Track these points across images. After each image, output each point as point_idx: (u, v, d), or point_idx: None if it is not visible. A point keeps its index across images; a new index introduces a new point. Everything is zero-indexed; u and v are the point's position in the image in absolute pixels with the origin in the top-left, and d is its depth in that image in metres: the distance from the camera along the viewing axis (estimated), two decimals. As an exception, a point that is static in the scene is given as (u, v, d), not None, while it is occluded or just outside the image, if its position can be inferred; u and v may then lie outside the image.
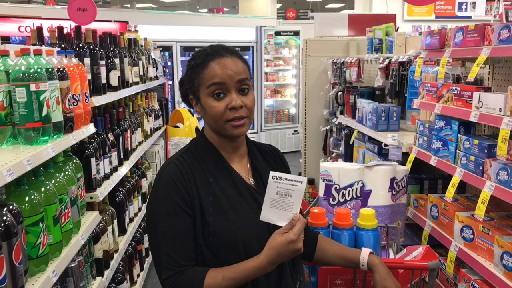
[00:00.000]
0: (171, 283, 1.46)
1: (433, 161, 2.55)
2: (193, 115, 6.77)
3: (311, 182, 5.82)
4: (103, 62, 2.92)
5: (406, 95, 3.41)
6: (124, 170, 3.26)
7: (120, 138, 3.25)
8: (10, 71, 1.81)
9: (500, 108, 2.02)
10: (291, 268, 1.65)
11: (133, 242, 3.69)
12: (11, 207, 1.53)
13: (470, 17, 10.69)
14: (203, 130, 1.67)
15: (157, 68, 5.15)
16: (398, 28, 4.73)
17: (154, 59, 5.03)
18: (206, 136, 1.63)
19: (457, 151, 2.35)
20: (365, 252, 1.69)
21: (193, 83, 1.56)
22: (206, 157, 1.59)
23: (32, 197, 1.71)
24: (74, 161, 2.28)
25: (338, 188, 2.39)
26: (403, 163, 2.75)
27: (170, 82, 8.07)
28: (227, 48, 1.57)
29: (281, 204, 1.46)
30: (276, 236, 1.43)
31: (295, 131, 9.72)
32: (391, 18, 5.68)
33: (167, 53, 8.20)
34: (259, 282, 1.52)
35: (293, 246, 1.41)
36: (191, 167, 1.55)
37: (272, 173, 1.44)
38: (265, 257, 1.42)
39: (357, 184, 2.38)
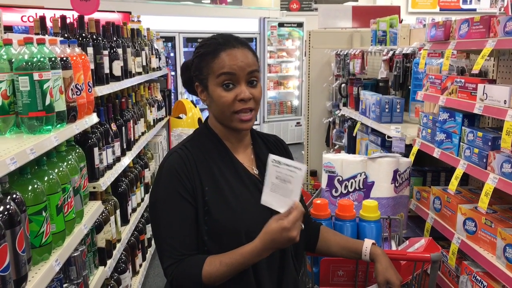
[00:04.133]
0: (172, 271, 1.47)
1: (436, 153, 2.54)
2: (195, 106, 6.76)
3: (314, 173, 5.82)
4: (106, 52, 2.91)
5: (409, 87, 3.39)
6: (126, 160, 3.26)
7: (123, 128, 3.26)
8: (13, 60, 1.81)
9: (504, 101, 2.00)
10: (294, 259, 1.65)
11: (135, 232, 3.70)
12: (14, 196, 1.53)
13: (475, 9, 10.60)
14: (206, 120, 1.66)
15: (160, 59, 5.14)
16: (402, 20, 4.70)
17: (157, 49, 5.02)
18: (210, 126, 1.63)
19: (461, 143, 2.34)
20: (367, 243, 1.69)
21: (201, 71, 1.54)
22: (210, 147, 1.58)
23: (35, 186, 1.71)
24: (77, 150, 2.28)
25: (341, 179, 2.39)
26: (406, 155, 2.75)
27: (173, 73, 8.05)
28: (238, 38, 1.56)
29: (281, 189, 1.44)
30: (271, 222, 1.40)
31: (297, 123, 9.71)
32: (395, 10, 5.64)
33: (170, 44, 8.18)
34: (261, 272, 1.52)
35: (287, 234, 1.37)
36: (194, 157, 1.54)
37: (271, 156, 1.42)
38: (259, 241, 1.41)
39: (360, 175, 2.37)
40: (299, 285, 1.69)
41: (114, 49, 3.14)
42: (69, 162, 2.10)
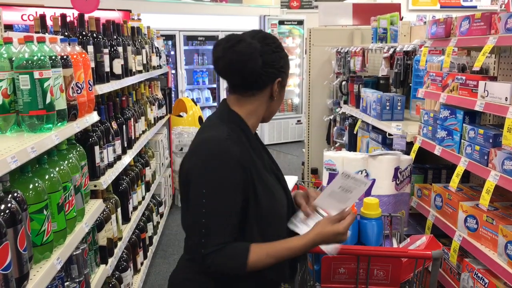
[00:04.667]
0: (212, 258, 1.48)
1: (437, 150, 2.54)
2: (196, 105, 6.76)
3: (315, 171, 5.82)
4: (106, 50, 2.91)
5: (410, 84, 3.39)
6: (127, 158, 3.26)
7: (124, 126, 3.25)
8: (13, 58, 1.81)
9: (506, 98, 2.00)
10: None
11: (136, 231, 3.70)
12: (15, 194, 1.53)
13: (475, 6, 10.58)
14: (229, 107, 1.64)
15: (160, 57, 5.13)
16: (402, 17, 4.69)
17: (157, 48, 5.01)
18: (242, 116, 1.64)
19: (462, 140, 2.34)
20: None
21: (286, 71, 1.65)
22: (247, 134, 1.62)
23: (36, 184, 1.71)
24: (78, 149, 2.28)
25: (341, 177, 2.38)
26: (407, 152, 2.74)
27: (173, 71, 8.05)
28: None
29: (339, 197, 1.60)
30: (326, 224, 1.54)
31: (298, 121, 9.70)
32: (396, 7, 5.63)
33: (170, 42, 8.17)
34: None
35: (340, 238, 1.54)
36: (242, 146, 1.57)
37: (343, 172, 1.60)
38: (311, 240, 1.53)
39: (361, 173, 2.37)
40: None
41: (115, 48, 3.14)
42: (70, 160, 2.10)
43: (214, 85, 9.06)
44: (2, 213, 1.42)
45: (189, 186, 1.54)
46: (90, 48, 2.69)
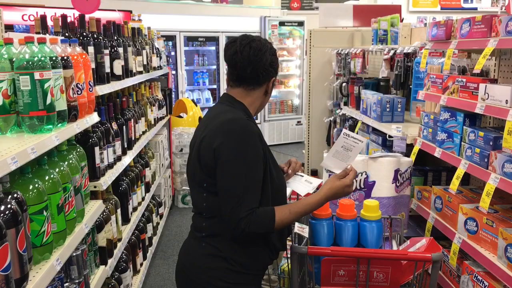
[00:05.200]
0: (245, 221, 1.69)
1: (437, 153, 2.54)
2: (196, 105, 6.76)
3: (315, 173, 5.82)
4: (107, 51, 2.90)
5: (411, 86, 3.39)
6: (127, 159, 3.26)
7: (124, 127, 3.25)
8: (14, 59, 1.80)
9: (506, 100, 2.00)
10: None
11: (136, 231, 3.70)
12: (15, 195, 1.53)
13: (476, 8, 10.58)
14: (236, 100, 1.89)
15: (160, 58, 5.13)
16: (403, 19, 4.69)
17: (157, 48, 5.01)
18: (247, 107, 1.90)
19: (462, 143, 2.34)
20: None
21: (276, 70, 1.91)
22: (253, 121, 1.88)
23: (36, 185, 1.71)
24: (78, 149, 2.28)
25: (342, 179, 2.38)
26: (407, 154, 2.74)
27: (173, 72, 8.05)
28: None
29: (341, 156, 1.91)
30: (334, 180, 1.85)
31: (298, 122, 9.70)
32: (396, 9, 5.63)
33: (170, 43, 8.17)
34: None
35: (348, 189, 1.85)
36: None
37: (344, 131, 1.93)
38: (324, 195, 1.83)
39: (361, 175, 2.37)
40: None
41: (115, 48, 3.13)
42: (70, 161, 2.10)
43: (215, 86, 9.07)
44: (2, 214, 1.42)
45: (218, 162, 1.74)
46: (91, 49, 2.69)
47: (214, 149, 1.74)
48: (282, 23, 9.40)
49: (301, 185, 2.02)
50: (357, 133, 4.00)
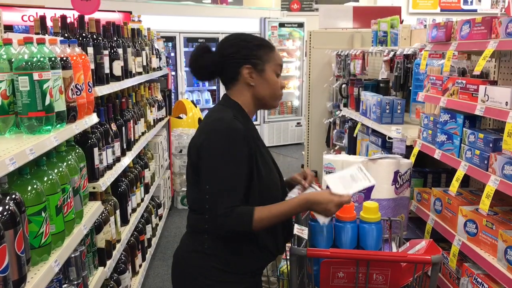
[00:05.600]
0: (223, 218, 1.68)
1: (437, 154, 2.54)
2: (196, 106, 6.76)
3: (314, 174, 5.80)
4: (106, 52, 2.90)
5: (410, 88, 3.38)
6: (127, 160, 3.26)
7: (123, 128, 3.25)
8: (13, 60, 1.80)
9: (506, 102, 2.00)
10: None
11: (135, 233, 3.70)
12: (13, 196, 1.53)
13: (475, 10, 10.59)
14: (228, 97, 1.90)
15: (160, 59, 5.13)
16: (403, 20, 4.69)
17: (157, 49, 5.01)
18: (239, 103, 1.88)
19: (462, 144, 2.33)
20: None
21: (259, 57, 1.84)
22: (246, 121, 1.85)
23: (35, 186, 1.70)
24: (77, 150, 2.28)
25: (341, 180, 2.38)
26: (406, 156, 2.74)
27: (173, 73, 8.05)
28: None
29: (345, 182, 1.83)
30: (325, 192, 1.79)
31: (298, 123, 9.70)
32: (396, 10, 5.63)
33: (170, 44, 8.17)
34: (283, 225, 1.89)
35: (330, 207, 1.74)
36: (245, 126, 1.79)
37: (361, 166, 1.90)
38: (305, 198, 1.77)
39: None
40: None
41: (115, 49, 3.13)
42: (69, 162, 2.09)
43: (214, 87, 9.07)
44: (0, 215, 1.41)
45: (200, 159, 1.76)
46: (90, 50, 2.68)
47: (198, 147, 1.77)
48: (282, 25, 9.41)
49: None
50: (356, 135, 4.00)
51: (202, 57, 1.86)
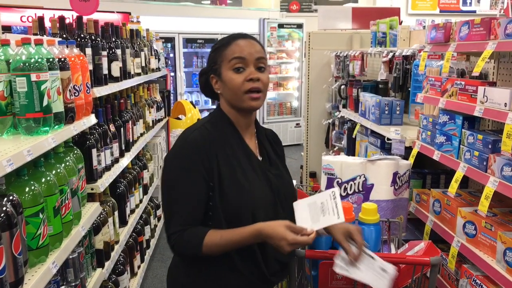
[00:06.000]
0: (175, 238, 1.58)
1: (436, 155, 2.53)
2: (195, 107, 6.76)
3: (313, 175, 5.81)
4: (104, 53, 2.90)
5: (409, 89, 3.38)
6: (125, 161, 3.25)
7: (122, 129, 3.24)
8: (10, 60, 1.79)
9: (505, 103, 2.00)
10: None
11: (134, 234, 3.69)
12: (11, 197, 1.52)
13: (474, 11, 10.60)
14: (219, 106, 1.77)
15: (159, 60, 5.12)
16: (402, 21, 4.69)
17: (156, 50, 5.00)
18: (224, 111, 1.74)
19: (461, 146, 2.33)
20: None
21: (215, 62, 1.70)
22: (225, 130, 1.71)
23: (32, 187, 1.70)
24: (75, 152, 2.27)
25: (340, 182, 2.38)
26: (405, 157, 2.74)
27: (172, 74, 8.04)
28: (247, 34, 1.74)
29: (314, 212, 1.57)
30: (281, 225, 1.52)
31: (297, 124, 9.70)
32: (395, 11, 5.63)
33: (169, 45, 8.17)
34: (267, 248, 1.65)
35: (283, 244, 1.49)
36: (213, 138, 1.66)
37: (335, 190, 1.60)
38: (259, 229, 1.53)
39: (359, 178, 2.36)
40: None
41: (113, 50, 3.13)
42: (67, 163, 2.09)
43: (213, 88, 9.05)
44: (-3, 217, 1.41)
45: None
46: (88, 51, 2.68)
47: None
48: (281, 25, 9.41)
49: (375, 275, 1.59)
50: (355, 136, 4.00)
51: (200, 78, 1.80)
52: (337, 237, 1.66)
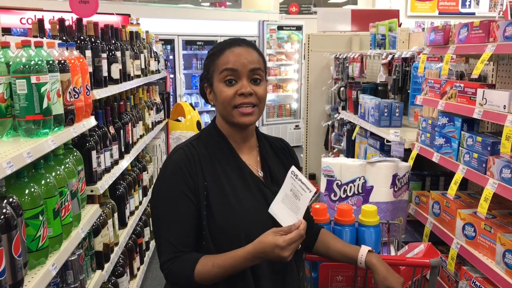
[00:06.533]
0: (167, 266, 1.50)
1: (435, 157, 2.54)
2: (194, 109, 6.75)
3: (313, 177, 5.81)
4: (104, 55, 2.90)
5: (409, 91, 3.39)
6: (125, 163, 3.25)
7: (121, 131, 3.24)
8: (10, 63, 1.80)
9: (504, 106, 2.00)
10: (297, 264, 1.66)
11: (133, 236, 3.69)
12: (11, 199, 1.52)
13: (473, 13, 10.64)
14: (214, 120, 1.67)
15: (158, 62, 5.13)
16: (401, 24, 4.70)
17: (155, 52, 5.01)
18: (217, 125, 1.64)
19: (460, 148, 2.34)
20: (363, 250, 1.68)
21: (208, 71, 1.58)
22: (215, 146, 1.60)
23: (32, 189, 1.70)
24: (75, 153, 2.27)
25: (339, 184, 2.38)
26: (405, 159, 2.74)
27: (171, 76, 8.04)
28: (245, 40, 1.61)
29: (290, 203, 1.46)
30: (268, 234, 1.41)
31: (296, 126, 9.70)
32: (394, 13, 5.65)
33: (169, 47, 8.17)
34: (262, 275, 1.52)
35: (278, 252, 1.39)
36: (200, 155, 1.55)
37: (292, 168, 1.47)
38: (252, 248, 1.42)
39: (359, 180, 2.36)
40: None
41: (113, 52, 3.13)
42: (67, 165, 2.09)
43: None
44: (-3, 219, 1.41)
45: None
46: (88, 53, 2.68)
47: None
48: (280, 27, 9.41)
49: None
50: (354, 138, 4.00)
51: (200, 83, 1.69)
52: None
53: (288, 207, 1.46)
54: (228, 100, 1.51)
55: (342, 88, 4.72)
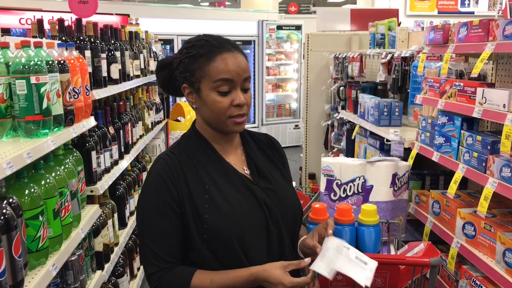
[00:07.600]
0: (156, 279, 1.47)
1: (435, 157, 2.54)
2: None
3: (312, 176, 5.81)
4: (104, 55, 2.90)
5: (408, 90, 3.39)
6: (124, 163, 3.25)
7: (121, 131, 3.24)
8: (10, 63, 1.80)
9: (504, 104, 2.00)
10: (290, 247, 1.63)
11: (133, 236, 3.68)
12: (10, 200, 1.52)
13: (473, 12, 10.63)
14: (194, 124, 1.64)
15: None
16: (400, 23, 4.70)
17: (155, 52, 5.01)
18: (198, 129, 1.61)
19: (460, 147, 2.34)
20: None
21: (192, 73, 1.51)
22: (197, 151, 1.57)
23: (32, 190, 1.70)
24: (75, 154, 2.27)
25: (339, 183, 2.38)
26: (405, 158, 2.74)
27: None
28: (230, 41, 1.56)
29: (325, 256, 1.47)
30: (277, 267, 1.43)
31: (296, 125, 9.71)
32: (394, 13, 5.64)
33: (168, 47, 8.17)
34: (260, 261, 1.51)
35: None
36: (181, 162, 1.53)
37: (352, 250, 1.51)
38: (255, 273, 1.43)
39: (359, 179, 2.36)
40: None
41: (112, 52, 3.13)
42: (66, 165, 2.09)
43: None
44: (-3, 220, 1.41)
45: None
46: (88, 53, 2.68)
47: None
48: (279, 27, 9.42)
49: (353, 265, 1.50)
50: (354, 137, 4.00)
51: (160, 72, 1.63)
52: (307, 242, 1.59)
53: (325, 258, 1.47)
54: (223, 111, 1.48)
55: (341, 88, 4.72)
